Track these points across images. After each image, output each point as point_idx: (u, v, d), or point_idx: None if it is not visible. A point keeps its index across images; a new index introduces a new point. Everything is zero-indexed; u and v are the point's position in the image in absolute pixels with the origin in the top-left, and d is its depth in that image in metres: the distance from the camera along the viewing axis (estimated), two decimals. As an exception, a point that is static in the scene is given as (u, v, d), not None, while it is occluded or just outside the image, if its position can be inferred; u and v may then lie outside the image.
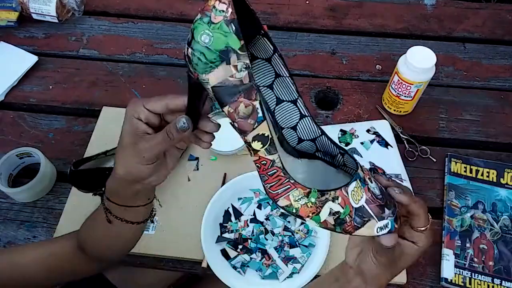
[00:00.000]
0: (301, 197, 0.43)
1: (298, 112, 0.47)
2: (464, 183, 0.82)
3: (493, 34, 1.09)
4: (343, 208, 0.43)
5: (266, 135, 0.42)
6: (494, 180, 0.82)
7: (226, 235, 0.76)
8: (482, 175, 0.82)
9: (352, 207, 0.43)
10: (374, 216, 0.44)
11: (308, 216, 0.43)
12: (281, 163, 0.42)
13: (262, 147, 0.42)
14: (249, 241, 0.76)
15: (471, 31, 1.09)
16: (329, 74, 1.01)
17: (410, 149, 0.88)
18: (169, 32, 1.09)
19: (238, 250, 0.75)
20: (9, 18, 1.04)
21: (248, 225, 0.77)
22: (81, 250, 0.58)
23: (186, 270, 0.76)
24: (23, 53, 1.02)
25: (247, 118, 0.41)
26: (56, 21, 1.07)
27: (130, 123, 0.45)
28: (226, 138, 0.84)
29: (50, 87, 0.98)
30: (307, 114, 0.47)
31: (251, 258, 0.74)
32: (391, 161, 0.84)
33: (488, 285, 0.72)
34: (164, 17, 1.13)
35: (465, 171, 0.83)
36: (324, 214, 0.43)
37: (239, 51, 0.39)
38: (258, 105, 0.41)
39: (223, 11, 0.38)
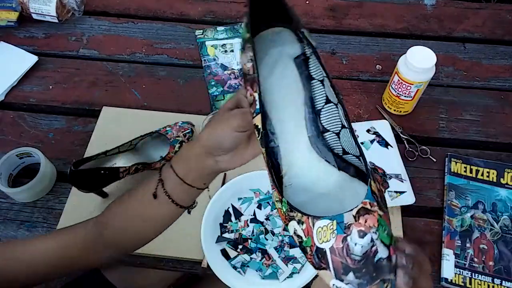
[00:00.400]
0: (277, 201, 0.41)
1: (340, 120, 0.44)
2: (464, 183, 0.82)
3: (493, 34, 1.09)
4: (305, 237, 0.37)
5: (259, 127, 0.42)
6: (494, 180, 0.82)
7: (226, 235, 0.77)
8: (482, 175, 0.82)
9: (314, 243, 0.36)
10: (332, 270, 0.35)
11: (283, 221, 0.41)
12: (266, 159, 0.42)
13: (258, 138, 0.42)
14: (249, 241, 0.76)
15: (471, 31, 1.09)
16: (329, 74, 1.01)
17: (410, 149, 0.87)
18: (169, 32, 1.09)
19: (238, 250, 0.75)
20: (9, 18, 1.04)
21: (248, 225, 0.77)
22: (97, 235, 0.55)
23: (186, 270, 0.76)
24: (23, 53, 1.02)
25: (250, 106, 0.43)
26: (56, 21, 1.06)
27: (236, 97, 0.48)
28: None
29: (50, 87, 0.98)
30: (346, 126, 0.43)
31: (251, 258, 0.74)
32: (391, 161, 0.84)
33: (488, 285, 0.72)
34: (164, 17, 1.13)
35: (465, 171, 0.83)
36: (290, 229, 0.39)
37: (247, 43, 0.41)
38: (257, 97, 0.41)
39: None
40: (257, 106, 0.41)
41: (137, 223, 0.55)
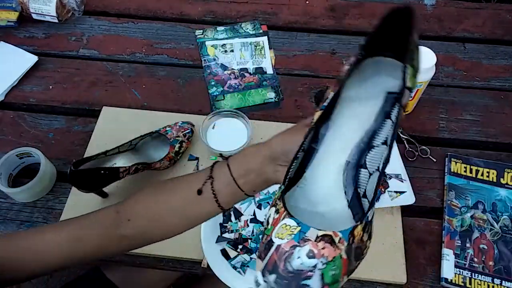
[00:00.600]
0: (279, 187, 0.41)
1: (380, 162, 0.42)
2: (464, 183, 0.82)
3: (493, 34, 1.09)
4: (271, 225, 0.37)
5: (313, 121, 0.43)
6: (494, 180, 0.82)
7: (226, 235, 0.77)
8: (482, 175, 0.82)
9: (271, 233, 0.36)
10: (264, 263, 0.35)
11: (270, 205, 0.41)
12: (299, 152, 0.42)
13: (308, 128, 0.44)
14: (249, 241, 0.76)
15: (471, 31, 1.09)
16: (329, 74, 1.01)
17: (410, 149, 0.87)
18: (169, 32, 1.09)
19: (238, 250, 0.75)
20: (9, 18, 1.04)
21: (248, 225, 0.78)
22: (115, 225, 0.53)
23: (186, 270, 0.76)
24: (23, 53, 1.02)
25: (324, 101, 0.44)
26: (56, 21, 1.07)
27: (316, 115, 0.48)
28: (226, 138, 0.84)
29: (50, 87, 0.98)
30: (380, 170, 0.41)
31: (251, 258, 0.74)
32: (391, 161, 0.83)
33: (488, 285, 0.72)
34: (164, 17, 1.13)
35: (465, 171, 0.83)
36: (267, 214, 0.39)
37: (359, 50, 0.43)
38: (330, 96, 0.43)
39: None
40: (325, 103, 0.43)
41: (170, 216, 0.53)
